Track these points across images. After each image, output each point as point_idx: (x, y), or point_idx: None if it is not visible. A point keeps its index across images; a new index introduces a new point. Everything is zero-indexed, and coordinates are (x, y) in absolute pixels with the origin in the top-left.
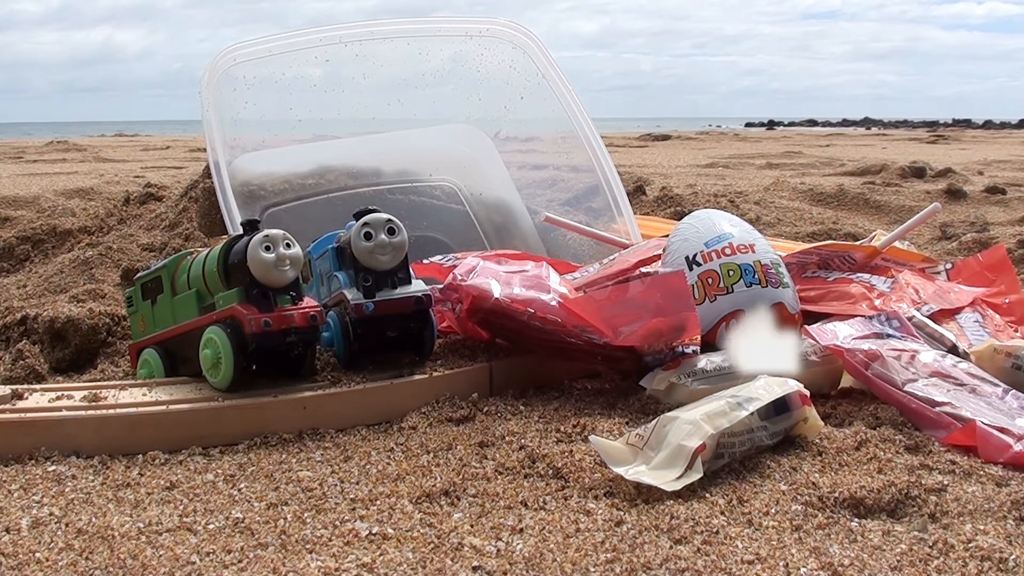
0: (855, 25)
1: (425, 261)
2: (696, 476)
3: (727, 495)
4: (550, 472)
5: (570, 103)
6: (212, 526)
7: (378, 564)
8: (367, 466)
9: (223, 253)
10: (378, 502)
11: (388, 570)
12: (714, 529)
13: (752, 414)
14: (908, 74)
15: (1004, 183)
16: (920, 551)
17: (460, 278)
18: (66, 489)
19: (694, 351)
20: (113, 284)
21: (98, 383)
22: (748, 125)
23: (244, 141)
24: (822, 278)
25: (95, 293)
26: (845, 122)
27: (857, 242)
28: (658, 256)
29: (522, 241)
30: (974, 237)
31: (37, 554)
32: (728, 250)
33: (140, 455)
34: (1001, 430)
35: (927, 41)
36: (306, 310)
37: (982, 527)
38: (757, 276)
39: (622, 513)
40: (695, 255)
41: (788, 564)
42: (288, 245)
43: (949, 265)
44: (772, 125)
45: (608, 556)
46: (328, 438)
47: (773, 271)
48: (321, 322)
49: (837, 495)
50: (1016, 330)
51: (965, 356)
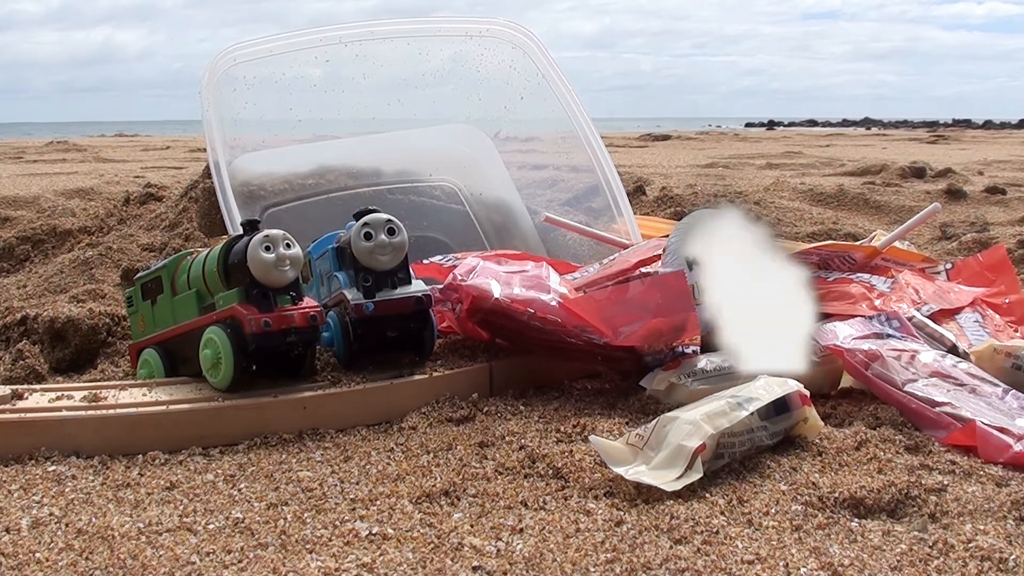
0: (855, 25)
1: (425, 261)
2: (696, 476)
3: (727, 495)
4: (550, 472)
5: (570, 103)
6: (212, 526)
7: (378, 564)
8: (367, 466)
9: (223, 253)
10: (378, 502)
11: (388, 570)
12: (714, 529)
13: (752, 414)
14: (908, 74)
15: (1004, 183)
16: (920, 551)
17: (460, 278)
18: (66, 489)
19: (694, 351)
20: (113, 284)
21: (98, 383)
22: (748, 125)
23: (244, 141)
24: (822, 278)
25: (95, 293)
26: (845, 122)
27: (857, 242)
28: (658, 256)
29: (522, 241)
30: (974, 237)
31: (37, 554)
32: None
33: (140, 455)
34: (1001, 430)
35: (927, 41)
36: (306, 310)
37: (982, 527)
38: None
39: (622, 513)
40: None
41: (788, 564)
42: (288, 245)
43: (949, 265)
44: (772, 125)
45: (608, 556)
46: (328, 438)
47: None
48: (321, 322)
49: (837, 495)
50: (1016, 330)
51: (965, 356)
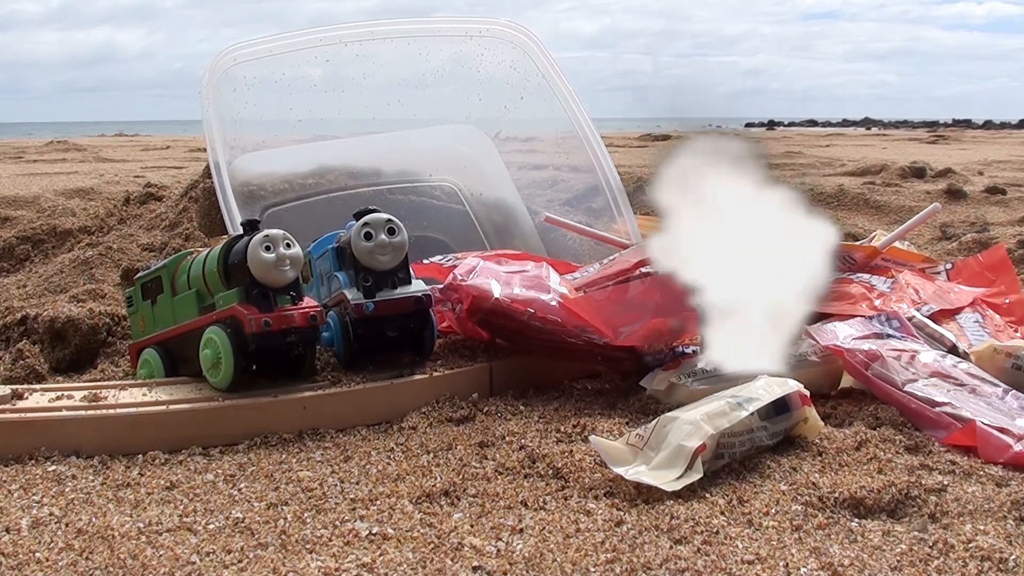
0: (855, 25)
1: (425, 261)
2: (696, 476)
3: (727, 495)
4: (550, 472)
5: (570, 103)
6: (212, 526)
7: (378, 564)
8: (367, 466)
9: (223, 253)
10: (378, 502)
11: (388, 570)
12: (714, 529)
13: (752, 414)
14: (908, 74)
15: (1004, 183)
16: (920, 551)
17: (460, 278)
18: (66, 489)
19: (694, 351)
20: (113, 284)
21: (98, 383)
22: (748, 125)
23: (244, 141)
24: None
25: (95, 293)
26: (845, 122)
27: (857, 242)
28: None
29: (522, 241)
30: (974, 237)
31: (37, 554)
32: None
33: (140, 455)
34: (1001, 430)
35: (927, 41)
36: (306, 310)
37: (982, 527)
38: None
39: (622, 513)
40: None
41: (788, 564)
42: (288, 245)
43: (949, 265)
44: (772, 125)
45: (608, 556)
46: (328, 438)
47: None
48: (321, 322)
49: (837, 495)
50: (1016, 330)
51: (965, 356)
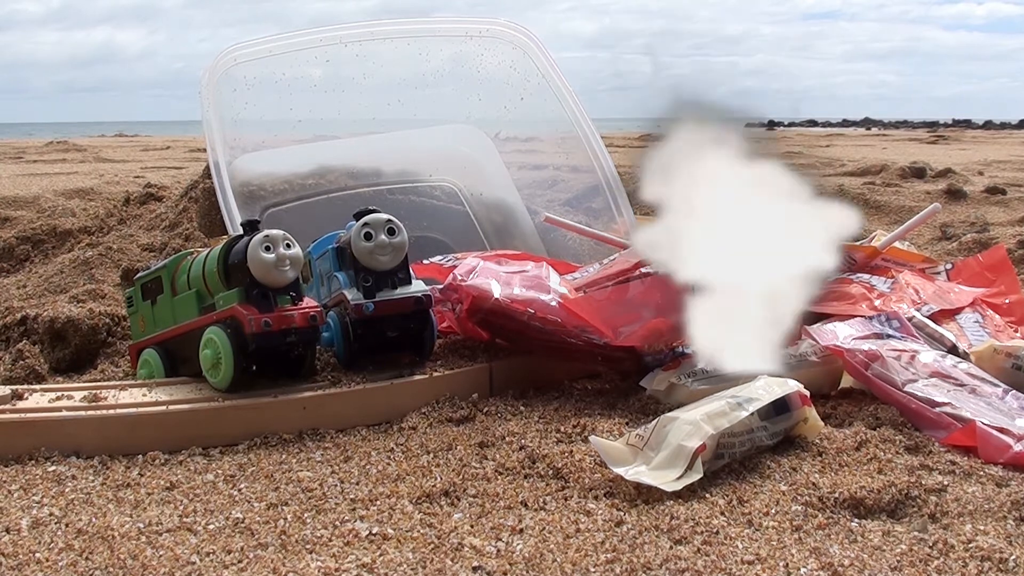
0: (855, 25)
1: (425, 261)
2: (696, 476)
3: (727, 495)
4: (550, 472)
5: (570, 103)
6: (212, 526)
7: (378, 564)
8: (367, 466)
9: (223, 253)
10: (378, 502)
11: (388, 570)
12: (714, 529)
13: (752, 414)
14: (908, 74)
15: (1004, 183)
16: (920, 551)
17: (460, 278)
18: (66, 489)
19: (694, 351)
20: (113, 284)
21: (98, 383)
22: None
23: (244, 141)
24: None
25: (95, 293)
26: (845, 122)
27: (857, 242)
28: None
29: (522, 241)
30: (974, 237)
31: (37, 554)
32: None
33: (140, 455)
34: (1001, 430)
35: (928, 41)
36: (306, 310)
37: (982, 527)
38: None
39: (622, 513)
40: None
41: (788, 564)
42: (288, 245)
43: (949, 265)
44: (772, 125)
45: (608, 556)
46: (328, 438)
47: None
48: (321, 322)
49: (837, 495)
50: (1016, 330)
51: (965, 356)
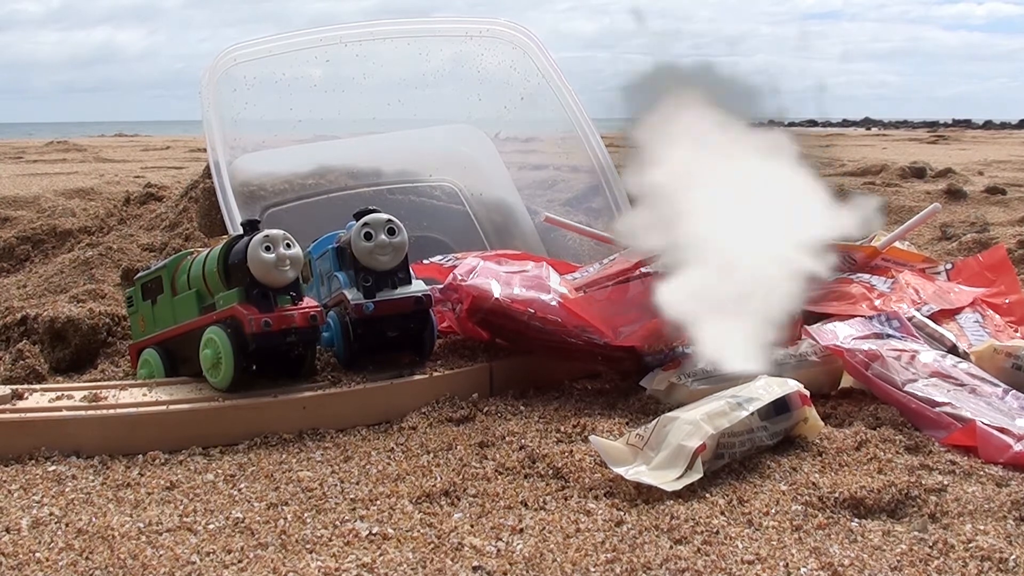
0: (856, 25)
1: (425, 261)
2: (696, 476)
3: (727, 495)
4: (550, 472)
5: (570, 103)
6: (212, 526)
7: (378, 564)
8: (367, 466)
9: (223, 253)
10: (378, 502)
11: (388, 570)
12: (714, 529)
13: (752, 414)
14: (908, 74)
15: (1004, 183)
16: (920, 551)
17: (460, 278)
18: (66, 489)
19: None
20: (113, 284)
21: (98, 383)
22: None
23: (244, 141)
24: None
25: (95, 293)
26: (845, 122)
27: (857, 242)
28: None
29: (522, 241)
30: (974, 237)
31: (37, 554)
32: None
33: (140, 455)
34: (1001, 430)
35: (928, 41)
36: (306, 310)
37: (982, 527)
38: None
39: (622, 513)
40: None
41: (788, 564)
42: (288, 245)
43: (949, 265)
44: (772, 125)
45: (608, 556)
46: (328, 438)
47: None
48: (321, 322)
49: (837, 495)
50: (1016, 330)
51: (965, 356)
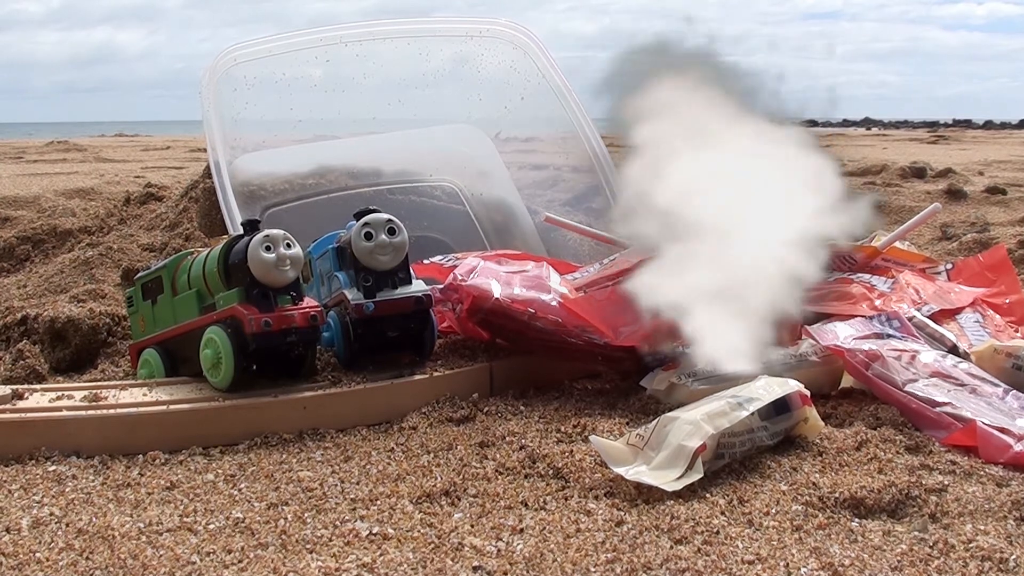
0: (856, 25)
1: (425, 261)
2: (696, 476)
3: (727, 495)
4: (550, 472)
5: (570, 103)
6: (212, 526)
7: (378, 564)
8: (367, 466)
9: (223, 253)
10: (378, 502)
11: (388, 570)
12: (714, 529)
13: (752, 414)
14: (909, 74)
15: (1004, 183)
16: (920, 551)
17: (460, 278)
18: (66, 489)
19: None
20: (113, 284)
21: (98, 383)
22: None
23: (244, 141)
24: (823, 278)
25: (95, 293)
26: (845, 122)
27: (857, 242)
28: None
29: (522, 241)
30: (974, 237)
31: (37, 554)
32: None
33: (140, 455)
34: (1001, 430)
35: (928, 41)
36: (306, 310)
37: (982, 527)
38: None
39: (622, 513)
40: None
41: (788, 564)
42: (288, 245)
43: (949, 265)
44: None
45: (608, 556)
46: (328, 438)
47: None
48: (321, 322)
49: (837, 495)
50: (1016, 330)
51: (965, 356)
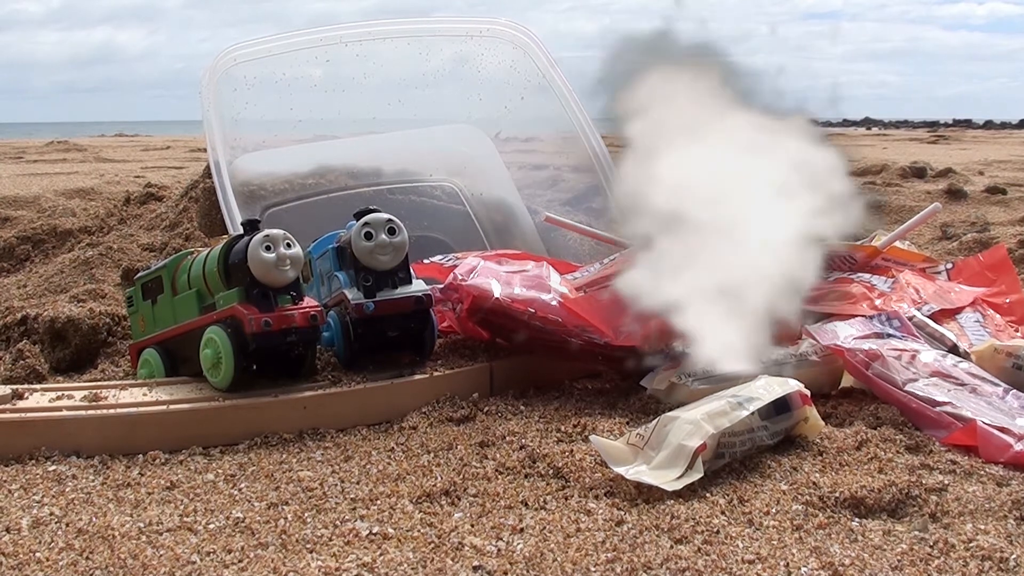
0: (856, 25)
1: (426, 261)
2: (697, 476)
3: (728, 495)
4: (551, 472)
5: (571, 103)
6: (212, 526)
7: (378, 564)
8: (367, 466)
9: (223, 253)
10: (378, 502)
11: (388, 570)
12: (715, 529)
13: (753, 414)
14: (909, 74)
15: (1004, 183)
16: (921, 551)
17: (460, 278)
18: (66, 489)
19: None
20: (113, 284)
21: (98, 383)
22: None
23: (244, 141)
24: (823, 278)
25: (95, 293)
26: (845, 122)
27: (857, 242)
28: None
29: (522, 241)
30: (975, 237)
31: (37, 554)
32: None
33: (140, 455)
34: (1002, 430)
35: (928, 41)
36: (306, 310)
37: (983, 527)
38: None
39: (623, 513)
40: None
41: (789, 564)
42: (288, 245)
43: (950, 265)
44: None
45: (609, 556)
46: (328, 438)
47: None
48: (321, 322)
49: (838, 495)
50: (1017, 330)
51: (966, 356)
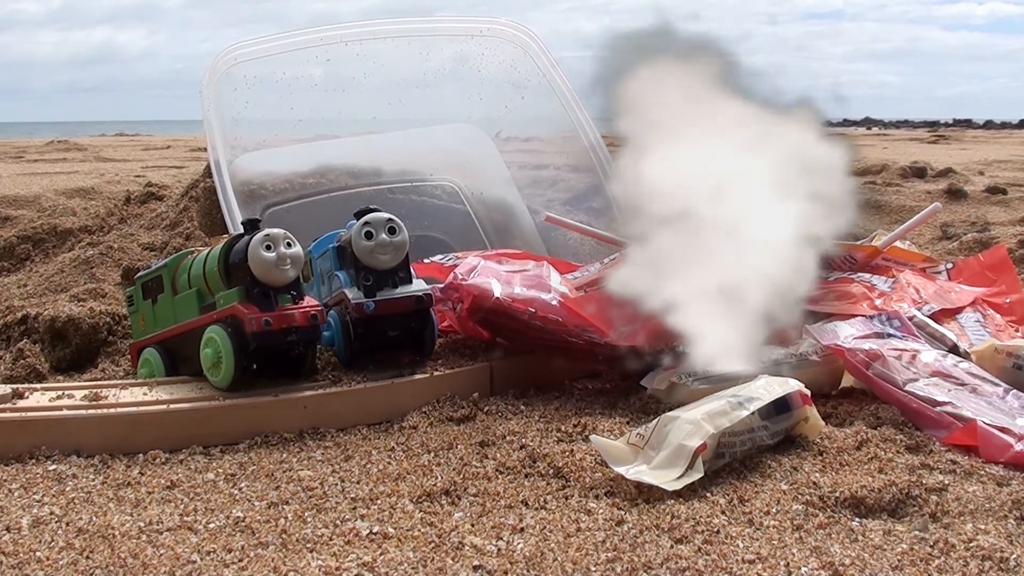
0: (856, 25)
1: (426, 260)
2: (697, 476)
3: (728, 495)
4: (551, 472)
5: (571, 103)
6: (213, 525)
7: (379, 563)
8: (368, 465)
9: (224, 252)
10: (379, 501)
11: (389, 569)
12: (715, 529)
13: (753, 414)
14: (909, 74)
15: (1005, 183)
16: (921, 551)
17: (461, 277)
18: (67, 488)
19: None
20: (114, 283)
21: (99, 382)
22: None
23: (245, 140)
24: (823, 278)
25: (96, 292)
26: (845, 122)
27: (858, 242)
28: None
29: (523, 240)
30: (975, 237)
31: (38, 553)
32: None
33: (141, 454)
34: (1002, 430)
35: (929, 41)
36: (307, 309)
37: (983, 527)
38: None
39: (623, 513)
40: None
41: (789, 564)
42: (289, 244)
43: (950, 265)
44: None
45: (609, 556)
46: (329, 437)
47: None
48: (322, 321)
49: (838, 495)
50: (1017, 330)
51: (966, 356)
